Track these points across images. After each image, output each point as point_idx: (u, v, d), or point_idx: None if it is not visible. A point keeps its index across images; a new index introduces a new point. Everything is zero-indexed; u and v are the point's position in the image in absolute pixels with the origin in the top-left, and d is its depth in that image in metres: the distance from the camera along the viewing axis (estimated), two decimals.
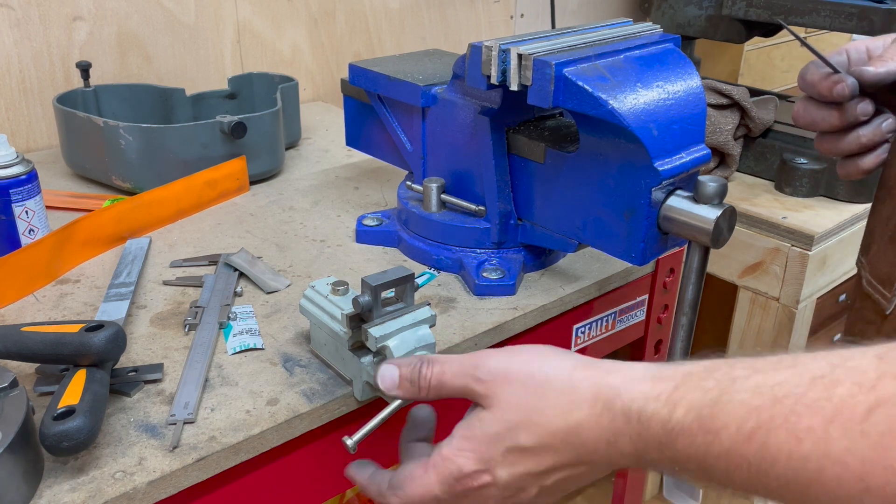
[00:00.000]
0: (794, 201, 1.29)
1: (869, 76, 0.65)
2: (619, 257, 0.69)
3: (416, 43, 1.65)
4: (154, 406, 0.61)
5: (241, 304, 0.75)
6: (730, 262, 1.30)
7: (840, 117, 0.68)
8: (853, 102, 0.67)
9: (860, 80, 0.65)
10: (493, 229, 0.79)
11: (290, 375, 0.65)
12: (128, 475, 0.53)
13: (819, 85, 0.67)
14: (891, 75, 0.65)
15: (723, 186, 0.62)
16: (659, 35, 0.74)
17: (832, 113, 0.68)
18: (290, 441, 0.61)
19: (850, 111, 0.67)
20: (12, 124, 1.18)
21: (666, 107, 0.66)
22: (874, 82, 0.65)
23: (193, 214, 0.96)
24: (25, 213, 0.79)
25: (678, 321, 0.64)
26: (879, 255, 0.63)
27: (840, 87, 0.65)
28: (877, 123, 0.68)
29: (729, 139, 1.30)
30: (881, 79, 0.65)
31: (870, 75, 0.65)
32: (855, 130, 0.68)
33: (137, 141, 0.96)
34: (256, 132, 1.02)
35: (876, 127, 0.68)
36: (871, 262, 0.64)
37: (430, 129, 0.84)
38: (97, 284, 0.79)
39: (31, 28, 1.15)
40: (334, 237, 0.91)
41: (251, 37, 1.40)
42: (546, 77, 0.64)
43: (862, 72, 0.65)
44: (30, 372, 0.64)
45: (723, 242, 0.63)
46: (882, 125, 0.68)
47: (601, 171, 0.68)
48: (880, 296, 0.62)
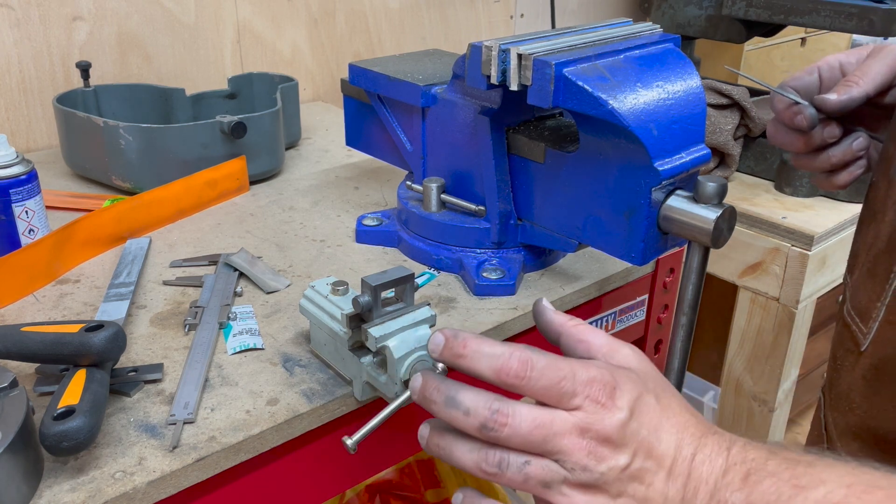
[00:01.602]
0: (794, 201, 1.29)
1: (830, 105, 0.66)
2: (619, 257, 0.69)
3: (416, 43, 1.65)
4: (154, 406, 0.61)
5: (241, 304, 0.75)
6: (730, 262, 1.30)
7: (806, 142, 0.69)
8: (818, 128, 0.68)
9: (823, 109, 0.66)
10: (493, 229, 0.79)
11: (290, 375, 0.65)
12: (128, 475, 0.53)
13: (782, 115, 0.69)
14: (853, 101, 0.65)
15: (723, 186, 0.62)
16: (659, 35, 0.74)
17: (798, 138, 0.69)
18: (290, 441, 0.61)
19: (816, 136, 0.68)
20: (12, 124, 1.18)
21: (666, 107, 0.66)
22: (836, 110, 0.66)
23: (193, 214, 0.96)
24: (25, 213, 0.79)
25: (678, 321, 0.64)
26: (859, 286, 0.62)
27: (799, 118, 0.67)
28: (847, 143, 0.69)
29: (729, 139, 1.30)
30: (843, 106, 0.65)
31: (831, 104, 0.65)
32: (825, 152, 0.69)
33: (137, 141, 0.96)
34: (256, 132, 1.02)
35: (846, 147, 0.69)
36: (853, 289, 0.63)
37: (430, 129, 0.84)
38: (97, 284, 0.79)
39: (31, 28, 1.15)
40: (334, 237, 0.91)
41: (251, 37, 1.40)
42: (546, 77, 0.64)
43: (824, 100, 0.66)
44: (30, 372, 0.64)
45: (723, 242, 0.63)
46: (853, 144, 0.68)
47: (601, 171, 0.68)
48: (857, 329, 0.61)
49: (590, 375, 0.45)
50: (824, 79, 0.70)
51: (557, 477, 0.44)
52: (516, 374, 0.45)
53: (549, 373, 0.45)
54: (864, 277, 0.61)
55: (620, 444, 0.44)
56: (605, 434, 0.44)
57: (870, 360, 0.59)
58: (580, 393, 0.44)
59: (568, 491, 0.44)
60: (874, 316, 0.59)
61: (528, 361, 0.45)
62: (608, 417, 0.44)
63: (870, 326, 0.59)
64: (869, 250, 0.61)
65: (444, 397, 0.46)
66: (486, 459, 0.45)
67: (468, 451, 0.46)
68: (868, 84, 0.65)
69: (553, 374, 0.45)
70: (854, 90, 0.65)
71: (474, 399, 0.45)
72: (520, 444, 0.44)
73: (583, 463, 0.43)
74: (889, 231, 0.58)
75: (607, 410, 0.44)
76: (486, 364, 0.45)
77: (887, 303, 0.57)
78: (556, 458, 0.44)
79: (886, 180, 0.59)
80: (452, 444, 0.47)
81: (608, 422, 0.44)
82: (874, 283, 0.59)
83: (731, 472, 0.42)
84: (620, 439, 0.44)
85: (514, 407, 0.45)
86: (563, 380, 0.44)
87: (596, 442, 0.44)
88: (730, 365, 1.39)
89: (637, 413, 0.45)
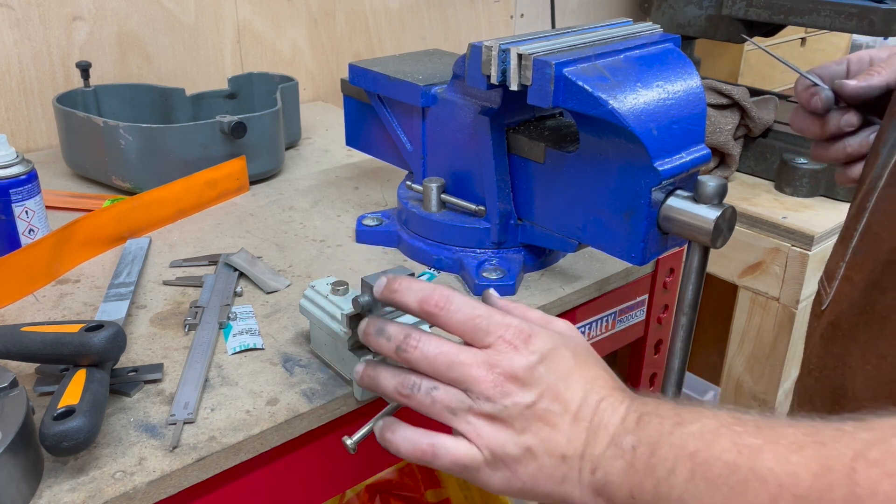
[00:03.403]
0: (794, 201, 1.29)
1: (849, 90, 0.66)
2: (619, 257, 0.69)
3: (416, 43, 1.65)
4: (154, 406, 0.61)
5: (241, 304, 0.75)
6: (730, 262, 1.30)
7: (822, 127, 0.70)
8: (837, 114, 0.69)
9: (840, 93, 0.67)
10: (493, 229, 0.79)
11: (290, 375, 0.65)
12: (128, 475, 0.53)
13: (800, 96, 0.70)
14: (872, 89, 0.66)
15: (723, 186, 0.62)
16: (659, 35, 0.74)
17: (816, 123, 0.70)
18: (290, 441, 0.61)
19: (833, 122, 0.69)
20: (12, 124, 1.18)
21: (666, 107, 0.66)
22: (853, 95, 0.66)
23: (193, 214, 0.96)
24: (25, 213, 0.79)
25: (678, 321, 0.64)
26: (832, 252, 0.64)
27: (815, 99, 0.68)
28: (864, 135, 0.69)
29: (729, 139, 1.30)
30: (862, 92, 0.66)
31: (850, 89, 0.66)
32: (842, 140, 0.70)
33: (137, 141, 0.96)
34: (256, 132, 1.02)
35: (863, 138, 0.69)
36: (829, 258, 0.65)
37: (430, 129, 0.84)
38: (97, 284, 0.79)
39: (31, 28, 1.15)
40: (334, 237, 0.91)
41: (251, 37, 1.40)
42: (546, 77, 0.64)
43: (842, 85, 0.67)
44: (30, 372, 0.64)
45: (723, 242, 0.63)
46: (870, 137, 0.69)
47: (601, 171, 0.68)
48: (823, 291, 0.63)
49: (506, 321, 0.49)
50: (852, 70, 0.71)
51: (462, 405, 0.47)
52: (436, 303, 0.49)
53: (466, 309, 0.49)
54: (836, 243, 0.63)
55: (527, 383, 0.47)
56: (512, 372, 0.47)
57: (828, 318, 0.60)
58: (493, 332, 0.48)
59: (473, 420, 0.47)
60: (836, 275, 0.60)
61: (450, 296, 0.50)
62: (517, 358, 0.47)
63: (832, 286, 0.60)
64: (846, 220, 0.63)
65: (375, 329, 0.52)
66: (402, 383, 0.50)
67: (390, 376, 0.51)
68: (890, 75, 0.66)
69: (470, 310, 0.49)
70: (874, 78, 0.66)
71: (396, 328, 0.51)
72: (427, 367, 0.49)
73: (487, 394, 0.47)
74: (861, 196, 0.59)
75: (518, 352, 0.47)
76: (413, 297, 0.50)
77: (847, 260, 0.59)
78: (463, 387, 0.48)
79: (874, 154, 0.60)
80: (380, 373, 0.52)
81: (517, 361, 0.47)
82: (842, 246, 0.61)
83: (629, 418, 0.45)
84: (527, 379, 0.47)
85: (427, 335, 0.50)
86: (478, 317, 0.49)
87: (503, 377, 0.47)
88: (730, 365, 1.39)
89: (548, 360, 0.48)
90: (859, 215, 0.58)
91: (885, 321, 0.53)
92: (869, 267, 0.55)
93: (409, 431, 0.50)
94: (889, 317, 0.53)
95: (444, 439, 0.48)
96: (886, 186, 0.55)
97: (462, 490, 1.31)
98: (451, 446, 0.48)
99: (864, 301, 0.55)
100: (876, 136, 0.63)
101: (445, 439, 0.48)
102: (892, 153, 0.55)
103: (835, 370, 0.58)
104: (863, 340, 0.55)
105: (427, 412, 0.49)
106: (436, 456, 0.48)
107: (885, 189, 0.55)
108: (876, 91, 0.66)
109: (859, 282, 0.56)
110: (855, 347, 0.56)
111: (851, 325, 0.56)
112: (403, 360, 0.50)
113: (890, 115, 0.59)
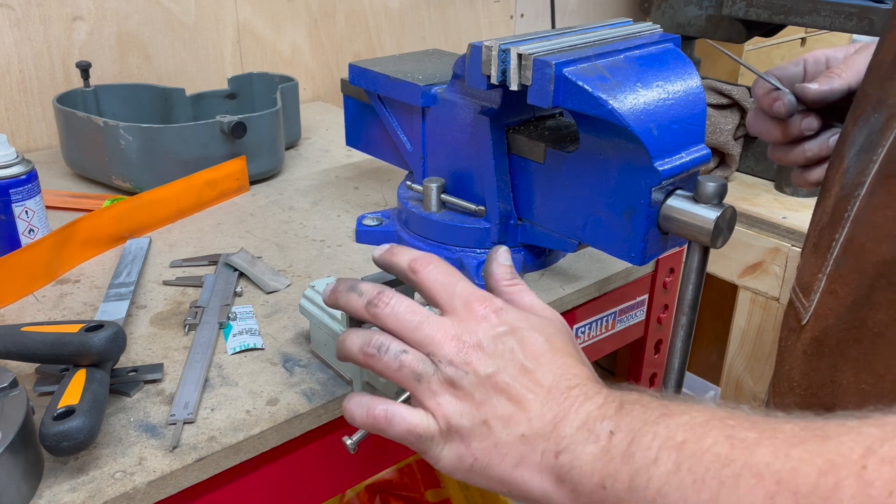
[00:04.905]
0: (793, 201, 1.29)
1: (811, 94, 0.65)
2: (619, 257, 0.69)
3: (416, 43, 1.65)
4: (154, 406, 0.61)
5: (241, 304, 0.75)
6: (730, 262, 1.30)
7: (783, 131, 0.69)
8: (797, 118, 0.67)
9: (802, 97, 0.66)
10: (493, 229, 0.79)
11: (290, 375, 0.65)
12: (128, 475, 0.54)
13: (761, 100, 0.69)
14: (834, 93, 0.65)
15: (723, 186, 0.62)
16: (659, 35, 0.74)
17: (776, 127, 0.69)
18: (290, 441, 0.61)
19: (794, 126, 0.68)
20: (12, 124, 1.18)
21: (666, 107, 0.66)
22: (815, 100, 0.65)
23: (193, 214, 0.96)
24: (25, 213, 0.79)
25: (678, 321, 0.64)
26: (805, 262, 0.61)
27: (777, 104, 0.66)
28: (824, 138, 0.68)
29: (729, 139, 1.30)
30: (823, 96, 0.65)
31: (811, 93, 0.65)
32: (801, 144, 0.69)
33: (137, 141, 0.96)
34: (256, 132, 1.02)
35: (823, 142, 0.68)
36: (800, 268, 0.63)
37: (430, 129, 0.84)
38: (97, 284, 0.79)
39: (31, 28, 1.15)
40: (334, 237, 0.91)
41: (251, 37, 1.40)
42: (546, 77, 0.64)
43: (804, 89, 0.65)
44: (30, 372, 0.64)
45: (723, 242, 0.63)
46: (829, 140, 0.68)
47: (601, 171, 0.68)
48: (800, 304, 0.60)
49: (482, 293, 0.49)
50: (809, 71, 0.70)
51: (428, 371, 0.47)
52: (421, 263, 0.51)
53: (444, 272, 0.50)
54: (809, 253, 0.60)
55: (490, 353, 0.46)
56: (476, 340, 0.47)
57: (810, 333, 0.57)
58: (465, 299, 0.49)
59: (437, 387, 0.47)
60: (815, 288, 0.57)
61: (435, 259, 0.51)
62: (484, 325, 0.47)
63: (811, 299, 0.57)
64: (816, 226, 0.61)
65: (347, 287, 0.52)
66: (369, 342, 0.49)
67: (357, 337, 0.50)
68: (851, 77, 0.65)
69: (447, 276, 0.50)
70: (835, 81, 0.65)
71: (370, 285, 0.51)
72: (395, 324, 0.48)
73: (450, 357, 0.46)
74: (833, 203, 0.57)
75: (486, 321, 0.47)
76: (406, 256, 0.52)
77: (828, 272, 0.56)
78: (428, 350, 0.47)
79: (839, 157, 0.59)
80: (348, 335, 0.51)
81: (482, 330, 0.47)
82: (817, 256, 0.58)
83: (608, 406, 0.43)
84: (491, 349, 0.46)
85: (400, 296, 0.50)
86: (448, 284, 0.49)
87: (467, 344, 0.47)
88: (730, 365, 1.39)
89: (518, 337, 0.47)
90: (837, 224, 0.56)
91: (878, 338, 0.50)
92: (856, 281, 0.52)
93: (365, 398, 0.49)
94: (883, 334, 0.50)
95: (400, 407, 0.48)
96: (869, 195, 0.52)
97: (462, 490, 1.31)
98: (406, 414, 0.47)
99: (853, 317, 0.52)
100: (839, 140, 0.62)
101: (401, 407, 0.48)
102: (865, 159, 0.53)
103: (823, 388, 0.55)
104: (853, 357, 0.52)
105: (393, 377, 0.48)
106: (390, 423, 0.47)
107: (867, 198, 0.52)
108: (837, 94, 0.65)
109: (846, 296, 0.53)
110: (844, 365, 0.53)
111: (839, 341, 0.54)
112: (372, 316, 0.50)
113: (853, 118, 0.58)
